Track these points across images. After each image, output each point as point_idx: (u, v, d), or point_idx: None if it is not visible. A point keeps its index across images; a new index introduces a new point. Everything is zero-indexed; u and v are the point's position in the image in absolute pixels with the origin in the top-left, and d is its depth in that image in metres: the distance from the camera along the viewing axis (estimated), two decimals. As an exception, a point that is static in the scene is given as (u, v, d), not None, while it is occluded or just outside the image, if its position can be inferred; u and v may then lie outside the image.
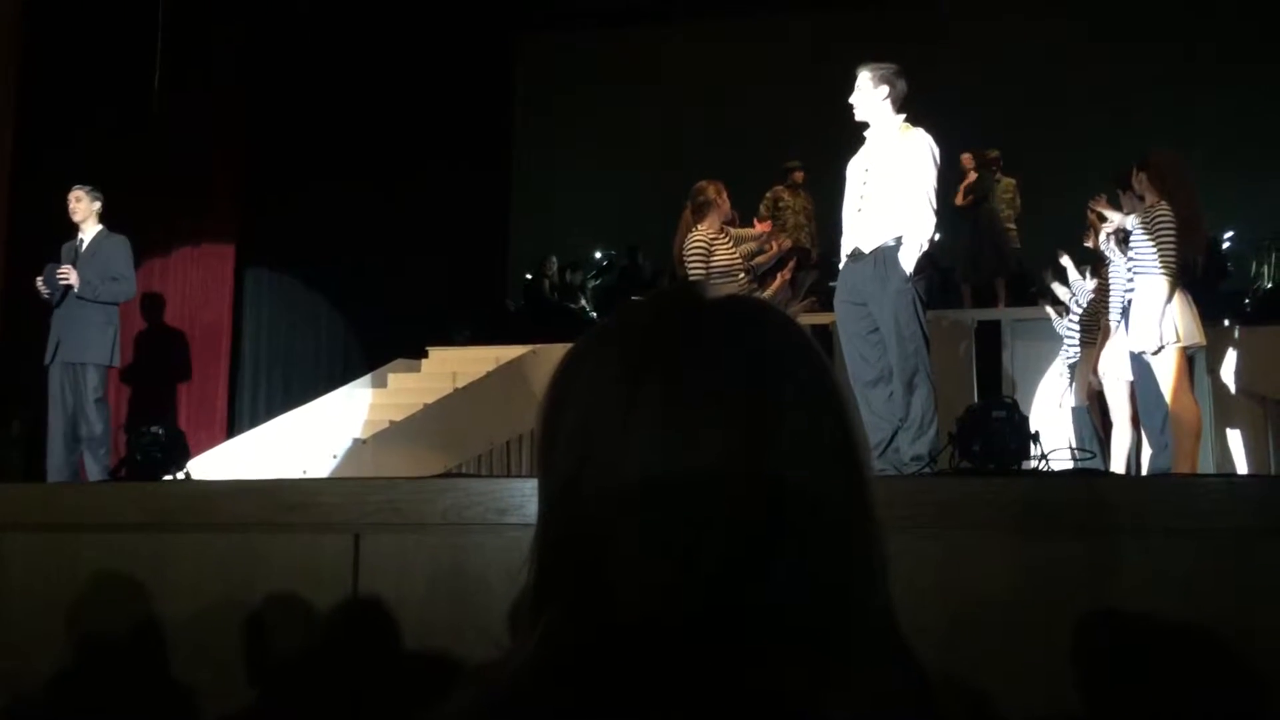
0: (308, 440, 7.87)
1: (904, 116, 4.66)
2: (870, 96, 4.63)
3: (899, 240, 4.44)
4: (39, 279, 6.33)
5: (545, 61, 12.86)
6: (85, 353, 6.24)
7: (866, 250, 4.55)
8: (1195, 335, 5.11)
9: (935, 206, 4.49)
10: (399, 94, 9.96)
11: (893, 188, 4.53)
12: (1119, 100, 10.99)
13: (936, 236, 4.55)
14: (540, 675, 0.73)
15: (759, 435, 0.74)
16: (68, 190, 6.57)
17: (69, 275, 6.23)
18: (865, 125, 4.71)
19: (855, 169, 4.72)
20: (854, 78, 4.68)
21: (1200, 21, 11.09)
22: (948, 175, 4.63)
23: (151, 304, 8.05)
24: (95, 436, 6.15)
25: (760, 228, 6.36)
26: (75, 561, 2.94)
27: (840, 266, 4.75)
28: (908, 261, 4.40)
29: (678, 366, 0.76)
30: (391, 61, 9.87)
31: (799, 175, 9.76)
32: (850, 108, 4.69)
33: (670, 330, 0.79)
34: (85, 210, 6.52)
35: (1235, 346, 7.43)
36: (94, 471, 6.09)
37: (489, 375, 8.47)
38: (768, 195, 9.66)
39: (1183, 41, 11.05)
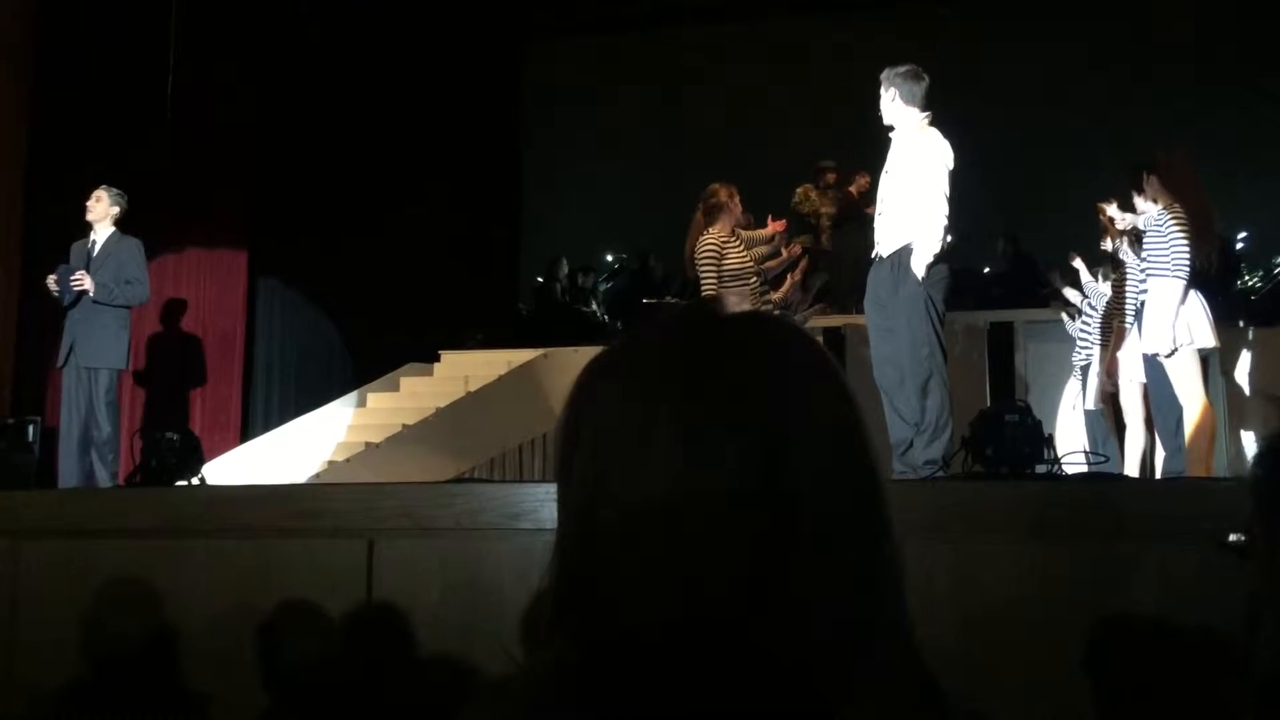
0: (320, 445, 7.88)
1: (927, 117, 4.65)
2: (893, 100, 4.64)
3: (912, 244, 4.44)
4: (51, 278, 6.32)
5: (555, 65, 12.86)
6: (100, 357, 6.24)
7: (884, 254, 4.57)
8: (1208, 337, 5.09)
9: (945, 210, 4.47)
10: (408, 99, 9.97)
11: (906, 191, 4.53)
12: (1131, 97, 10.94)
13: (948, 239, 4.53)
14: (557, 690, 0.73)
15: (774, 454, 0.74)
16: (82, 198, 6.57)
17: (84, 281, 6.22)
18: (890, 128, 4.71)
19: (883, 171, 4.75)
20: (878, 84, 4.70)
21: (1215, 19, 11.04)
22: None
23: (166, 310, 8.08)
24: (104, 440, 6.15)
25: (773, 227, 6.32)
26: (90, 567, 2.95)
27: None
28: (919, 266, 4.39)
29: (693, 385, 0.76)
30: (400, 68, 9.88)
31: (830, 177, 9.64)
32: (879, 114, 4.70)
33: (686, 348, 0.79)
34: (102, 211, 6.50)
35: (1249, 348, 7.39)
36: (102, 477, 6.10)
37: (501, 379, 8.47)
38: (799, 191, 9.57)
39: (1196, 39, 11.00)
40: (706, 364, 0.77)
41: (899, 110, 4.64)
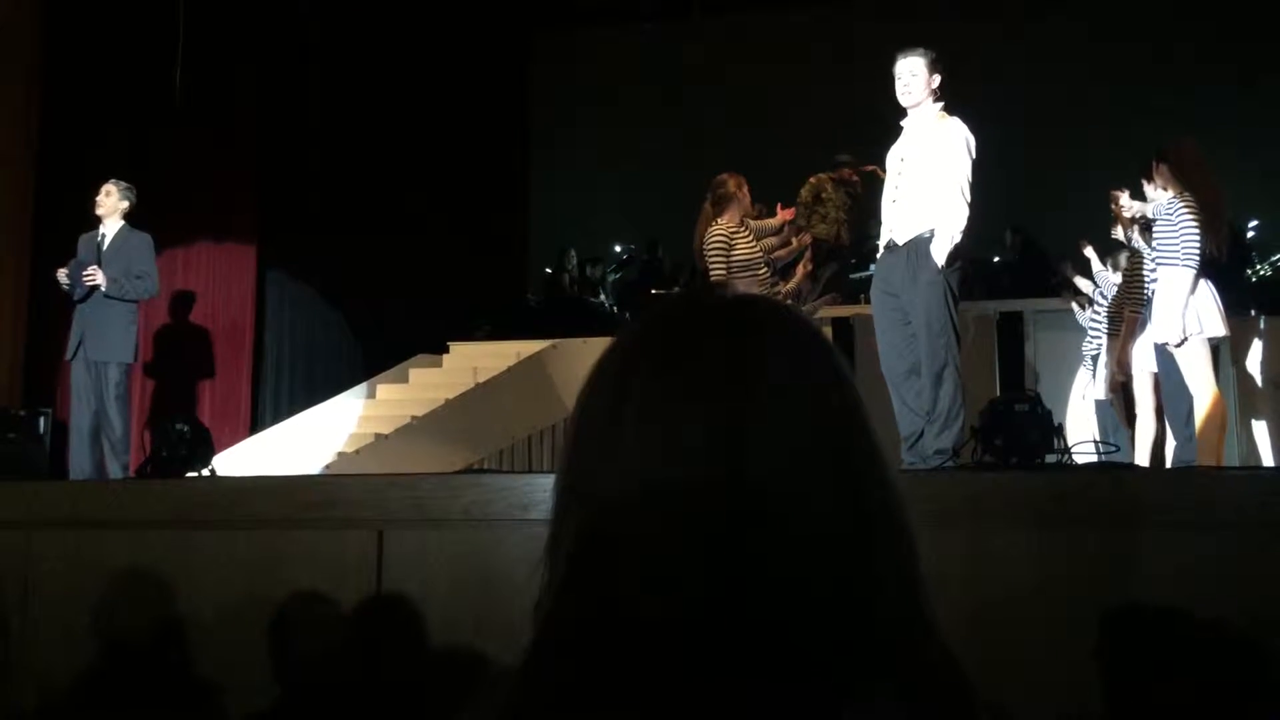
0: (330, 436, 7.90)
1: (942, 105, 4.61)
2: (926, 82, 4.54)
3: (932, 232, 4.39)
4: (61, 271, 6.33)
5: (564, 56, 12.85)
6: (109, 351, 6.24)
7: (900, 242, 4.51)
8: (1218, 326, 5.07)
9: (969, 198, 4.41)
10: (417, 90, 9.97)
11: (926, 178, 4.48)
12: (1138, 86, 10.89)
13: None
14: (542, 679, 0.72)
15: (740, 434, 0.71)
16: (90, 192, 6.58)
17: (95, 276, 6.22)
18: (903, 114, 4.63)
19: (892, 158, 4.67)
20: (894, 60, 4.58)
21: (1220, 5, 10.98)
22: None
23: (175, 302, 8.10)
24: (116, 437, 6.16)
25: (782, 216, 6.29)
26: (102, 559, 2.97)
27: (877, 257, 4.73)
28: (939, 254, 4.34)
29: (665, 362, 0.75)
30: (408, 60, 9.88)
31: (848, 173, 9.53)
32: (893, 96, 4.60)
33: (667, 327, 0.78)
34: (111, 206, 6.49)
35: (1260, 337, 7.36)
36: (113, 469, 6.10)
37: (510, 370, 8.47)
38: (812, 180, 9.48)
39: (1201, 25, 10.94)
40: (679, 342, 0.76)
41: (926, 93, 4.55)
